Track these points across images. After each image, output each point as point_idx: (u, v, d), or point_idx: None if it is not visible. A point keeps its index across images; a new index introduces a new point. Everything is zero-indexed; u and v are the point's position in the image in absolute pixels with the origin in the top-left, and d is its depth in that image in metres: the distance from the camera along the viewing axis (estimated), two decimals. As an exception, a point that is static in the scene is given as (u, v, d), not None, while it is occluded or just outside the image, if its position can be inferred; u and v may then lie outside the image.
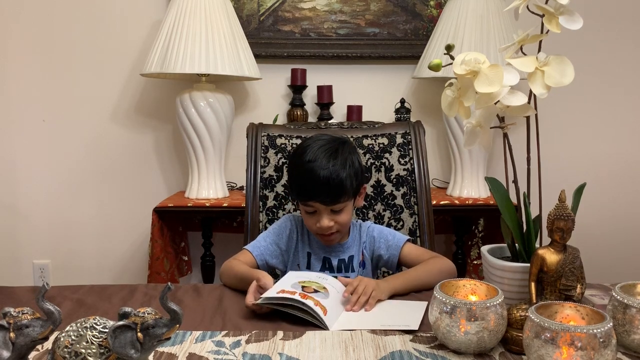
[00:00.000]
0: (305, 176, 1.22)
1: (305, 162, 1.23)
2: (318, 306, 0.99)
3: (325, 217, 1.23)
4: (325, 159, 1.22)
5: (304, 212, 1.28)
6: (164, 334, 0.70)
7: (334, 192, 1.21)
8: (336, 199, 1.22)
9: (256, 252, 1.30)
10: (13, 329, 0.70)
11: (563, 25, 0.91)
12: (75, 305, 1.07)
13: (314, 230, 1.28)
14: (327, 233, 1.26)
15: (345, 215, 1.26)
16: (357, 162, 1.28)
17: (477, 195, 2.17)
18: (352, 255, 1.34)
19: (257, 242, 1.33)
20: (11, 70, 2.36)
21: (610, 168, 2.47)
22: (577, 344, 0.72)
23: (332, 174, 1.20)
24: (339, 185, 1.21)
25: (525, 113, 0.96)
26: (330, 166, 1.21)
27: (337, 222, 1.25)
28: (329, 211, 1.23)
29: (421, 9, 2.36)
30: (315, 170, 1.21)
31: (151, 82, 2.38)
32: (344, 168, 1.22)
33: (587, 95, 2.42)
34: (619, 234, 2.48)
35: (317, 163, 1.21)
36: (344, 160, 1.24)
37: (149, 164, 2.44)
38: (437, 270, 1.23)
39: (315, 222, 1.25)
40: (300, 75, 2.30)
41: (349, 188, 1.23)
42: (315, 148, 1.24)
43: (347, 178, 1.22)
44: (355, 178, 1.25)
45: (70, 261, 2.47)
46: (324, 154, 1.23)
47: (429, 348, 0.89)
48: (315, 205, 1.23)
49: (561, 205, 0.89)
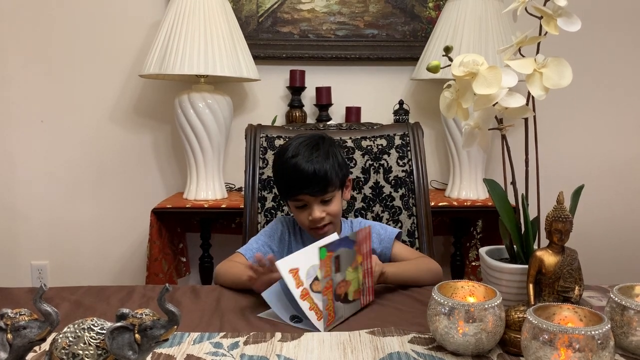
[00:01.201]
0: (291, 171, 1.26)
1: (288, 158, 1.27)
2: (313, 310, 0.99)
3: (316, 208, 1.26)
4: (307, 152, 1.26)
5: (294, 208, 1.30)
6: (161, 336, 0.70)
7: (320, 182, 1.24)
8: (324, 188, 1.25)
9: (249, 255, 1.31)
10: (10, 330, 0.70)
11: (561, 27, 0.91)
12: (73, 307, 1.07)
13: (306, 225, 1.30)
14: (320, 225, 1.28)
15: (335, 206, 1.29)
16: (338, 154, 1.32)
17: (475, 197, 2.17)
18: None
19: (249, 245, 1.35)
20: (10, 71, 2.36)
21: (608, 170, 2.47)
22: (575, 345, 0.72)
23: (316, 164, 1.24)
24: (325, 175, 1.25)
25: (524, 115, 0.96)
26: (313, 158, 1.25)
27: (328, 212, 1.28)
28: (318, 202, 1.27)
29: (420, 11, 2.36)
30: (300, 164, 1.24)
31: (150, 83, 2.38)
32: (327, 159, 1.27)
33: (586, 97, 2.42)
34: (617, 236, 2.48)
35: (300, 157, 1.25)
36: (326, 152, 1.28)
37: (148, 165, 2.44)
38: (425, 268, 1.28)
39: (307, 216, 1.28)
40: (299, 77, 2.30)
41: (335, 178, 1.27)
42: (296, 144, 1.29)
43: (331, 168, 1.26)
44: (339, 169, 1.29)
45: (68, 262, 2.47)
46: (306, 148, 1.27)
47: (427, 349, 0.89)
48: (305, 198, 1.26)
49: (559, 207, 0.89)
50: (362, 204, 1.56)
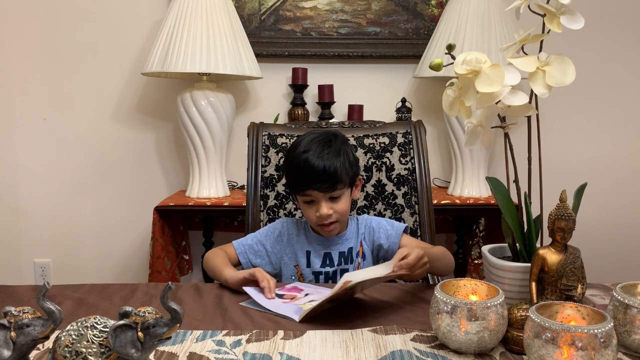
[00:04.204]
0: (301, 166, 1.26)
1: (300, 153, 1.27)
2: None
3: (324, 204, 1.26)
4: (319, 148, 1.27)
5: (302, 203, 1.30)
6: (164, 334, 0.70)
7: (330, 178, 1.25)
8: (333, 185, 1.25)
9: (240, 250, 1.35)
10: (14, 328, 0.70)
11: (564, 25, 0.91)
12: (76, 305, 1.08)
13: (314, 222, 1.30)
14: (327, 222, 1.28)
15: (343, 204, 1.29)
16: (350, 152, 1.33)
17: (478, 195, 2.17)
18: (351, 247, 1.36)
19: (244, 240, 1.37)
20: (12, 69, 2.36)
21: (611, 168, 2.47)
22: (578, 344, 0.72)
23: (326, 161, 1.25)
24: (335, 172, 1.25)
25: (527, 113, 0.96)
26: (324, 154, 1.26)
27: (336, 210, 1.28)
28: (327, 199, 1.27)
29: (422, 8, 2.36)
30: (310, 159, 1.25)
31: (152, 81, 2.38)
32: (338, 156, 1.27)
33: (589, 95, 2.41)
34: (620, 234, 2.48)
35: (311, 153, 1.26)
36: (337, 150, 1.28)
37: (150, 163, 2.44)
38: (442, 252, 1.30)
39: (314, 212, 1.28)
40: (302, 75, 2.30)
41: (344, 176, 1.27)
42: (309, 140, 1.29)
43: (342, 165, 1.26)
44: (350, 167, 1.29)
45: (71, 260, 2.47)
46: (317, 144, 1.28)
47: (430, 348, 0.89)
48: (313, 194, 1.26)
49: (562, 205, 0.89)
50: (365, 202, 1.56)
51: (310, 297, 1.11)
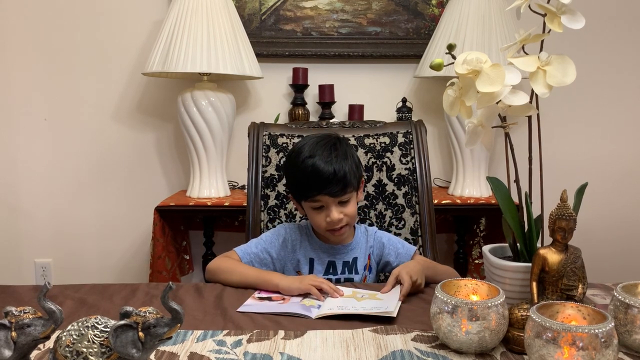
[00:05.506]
0: (309, 171, 1.23)
1: (306, 158, 1.24)
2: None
3: (334, 209, 1.24)
4: (325, 152, 1.24)
5: (310, 209, 1.27)
6: (165, 334, 0.70)
7: (340, 182, 1.22)
8: (343, 189, 1.23)
9: (246, 259, 1.29)
10: (15, 328, 0.70)
11: (565, 25, 0.91)
12: (76, 305, 1.08)
13: (323, 227, 1.27)
14: (337, 227, 1.26)
15: (352, 207, 1.27)
16: (355, 154, 1.32)
17: (478, 195, 2.17)
18: (356, 257, 1.34)
19: (249, 248, 1.32)
20: (13, 69, 2.36)
21: (612, 168, 2.46)
22: (579, 344, 0.72)
23: (335, 165, 1.22)
24: (344, 176, 1.23)
25: (527, 112, 0.96)
26: (332, 158, 1.23)
27: (346, 214, 1.25)
28: (336, 203, 1.24)
29: (423, 8, 2.36)
30: (318, 164, 1.22)
31: (153, 81, 2.38)
32: (345, 159, 1.25)
33: (589, 95, 2.41)
34: (620, 234, 2.48)
35: (318, 158, 1.23)
36: (344, 152, 1.26)
37: (151, 163, 2.44)
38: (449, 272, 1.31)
39: (324, 217, 1.25)
40: (302, 75, 2.30)
41: (353, 179, 1.25)
42: (312, 144, 1.26)
43: (350, 169, 1.25)
44: (356, 169, 1.28)
45: (71, 260, 2.47)
46: (323, 148, 1.25)
47: (430, 347, 0.89)
48: (323, 199, 1.23)
49: (563, 205, 0.89)
50: (365, 202, 1.56)
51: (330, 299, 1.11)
